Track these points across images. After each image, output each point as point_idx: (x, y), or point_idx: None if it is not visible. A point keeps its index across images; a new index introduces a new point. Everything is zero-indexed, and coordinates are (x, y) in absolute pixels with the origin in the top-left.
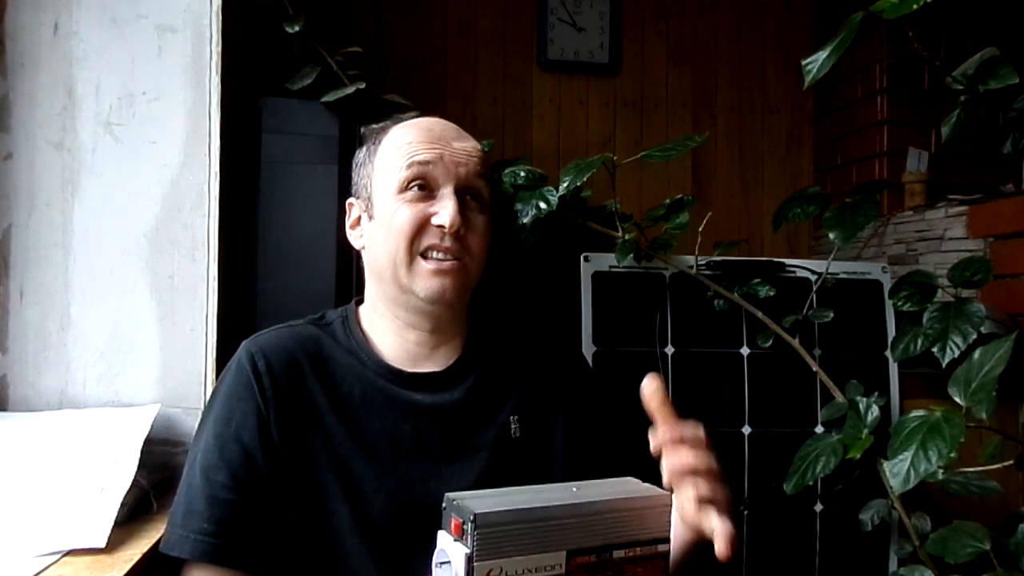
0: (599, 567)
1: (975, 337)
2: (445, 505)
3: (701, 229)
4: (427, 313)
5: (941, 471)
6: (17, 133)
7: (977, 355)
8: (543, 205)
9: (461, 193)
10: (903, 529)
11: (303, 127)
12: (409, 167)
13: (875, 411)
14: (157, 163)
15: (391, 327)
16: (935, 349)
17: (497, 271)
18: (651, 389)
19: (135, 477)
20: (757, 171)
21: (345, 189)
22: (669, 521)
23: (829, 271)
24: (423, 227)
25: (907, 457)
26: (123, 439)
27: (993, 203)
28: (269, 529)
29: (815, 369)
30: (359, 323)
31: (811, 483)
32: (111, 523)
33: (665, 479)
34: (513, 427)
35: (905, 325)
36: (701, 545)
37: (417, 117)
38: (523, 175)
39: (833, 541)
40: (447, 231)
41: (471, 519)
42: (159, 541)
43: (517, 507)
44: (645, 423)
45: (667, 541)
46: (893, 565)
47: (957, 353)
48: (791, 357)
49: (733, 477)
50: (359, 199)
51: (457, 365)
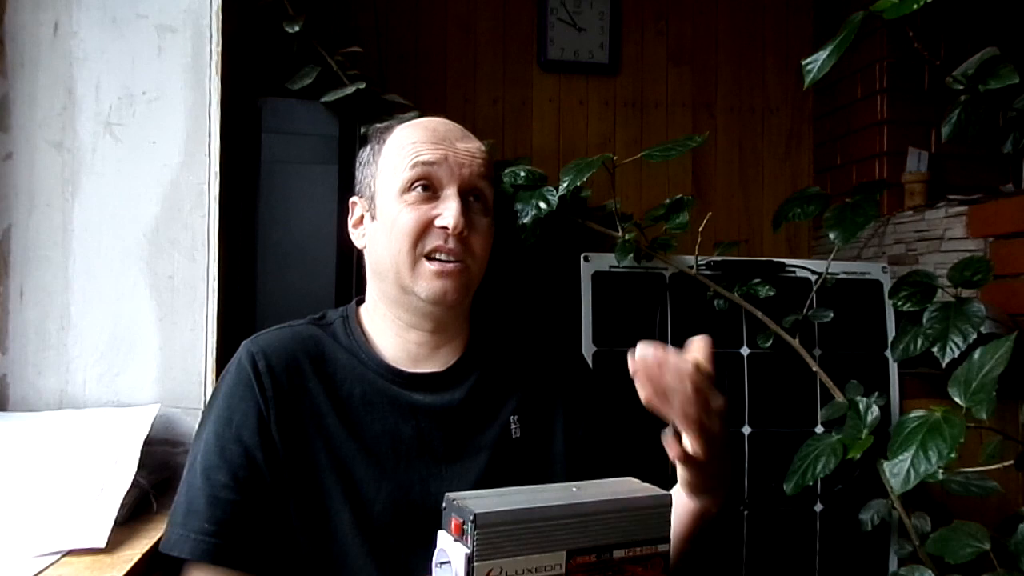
0: (599, 567)
1: (975, 337)
2: (445, 505)
3: (701, 229)
4: (428, 314)
5: (941, 471)
6: (17, 133)
7: (977, 355)
8: (543, 205)
9: (464, 194)
10: (903, 529)
11: (303, 127)
12: (413, 167)
13: (875, 411)
14: (157, 163)
15: (392, 327)
16: (935, 349)
17: (497, 271)
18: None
19: (135, 477)
20: (757, 171)
21: (345, 189)
22: (669, 521)
23: (829, 271)
24: (426, 229)
25: (907, 457)
26: (123, 439)
27: (993, 203)
28: (269, 529)
29: (815, 369)
30: (360, 323)
31: (811, 483)
32: (111, 523)
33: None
34: (513, 427)
35: (905, 325)
36: (703, 524)
37: (421, 117)
38: (523, 175)
39: (833, 541)
40: (450, 233)
41: (471, 519)
42: (159, 541)
43: (517, 507)
44: (645, 423)
45: (667, 541)
46: (893, 565)
47: (957, 353)
48: (791, 357)
49: (733, 477)
50: (362, 198)
51: (458, 365)
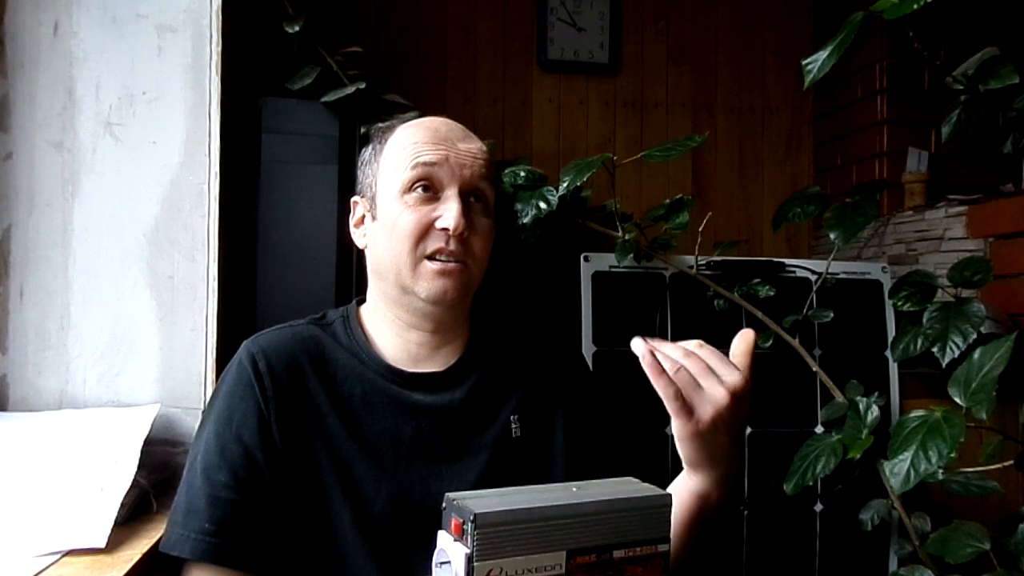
0: (599, 567)
1: (975, 337)
2: (445, 505)
3: (701, 229)
4: (428, 314)
5: (941, 471)
6: (17, 133)
7: (977, 355)
8: (543, 205)
9: (465, 195)
10: (903, 529)
11: (303, 127)
12: (414, 167)
13: (875, 411)
14: (157, 163)
15: (392, 327)
16: (935, 349)
17: (497, 271)
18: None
19: (135, 477)
20: (757, 171)
21: (345, 189)
22: (669, 521)
23: (829, 271)
24: (427, 230)
25: (907, 457)
26: (123, 439)
27: (993, 203)
28: (270, 529)
29: (815, 369)
30: (360, 323)
31: (811, 483)
32: (111, 523)
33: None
34: (514, 427)
35: (905, 325)
36: (703, 510)
37: (422, 116)
38: (523, 175)
39: (833, 541)
40: (451, 234)
41: (471, 519)
42: (159, 541)
43: (517, 507)
44: (644, 423)
45: (667, 541)
46: (893, 565)
47: (957, 353)
48: (791, 357)
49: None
50: (363, 198)
51: (458, 365)
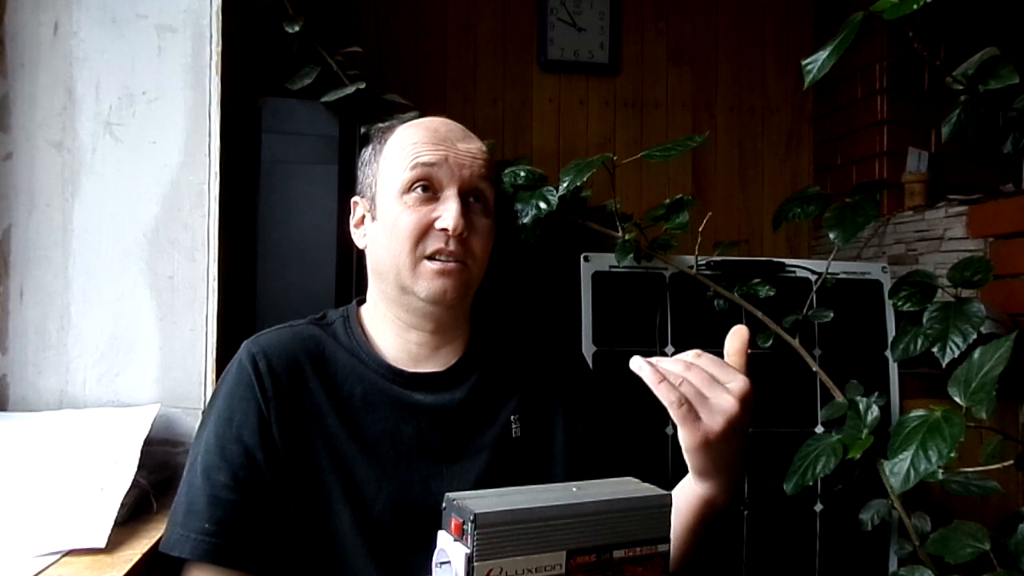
0: (599, 567)
1: (975, 337)
2: (445, 505)
3: (701, 229)
4: (428, 314)
5: (941, 471)
6: (17, 133)
7: (977, 355)
8: (543, 205)
9: (465, 195)
10: (903, 529)
11: (303, 127)
12: (413, 168)
13: (875, 411)
14: (157, 163)
15: (392, 327)
16: (935, 349)
17: (497, 271)
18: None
19: (135, 477)
20: (757, 171)
21: (345, 189)
22: (669, 521)
23: (829, 271)
24: (427, 231)
25: (907, 457)
26: (123, 439)
27: (993, 203)
28: (270, 529)
29: (815, 369)
30: (360, 323)
31: (811, 483)
32: (111, 523)
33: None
34: (514, 427)
35: (905, 325)
36: (708, 514)
37: (422, 117)
38: (523, 175)
39: (833, 541)
40: (450, 234)
41: (471, 519)
42: (159, 541)
43: (517, 507)
44: (645, 423)
45: (667, 541)
46: (893, 565)
47: (957, 353)
48: (791, 357)
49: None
50: (363, 198)
51: (459, 365)
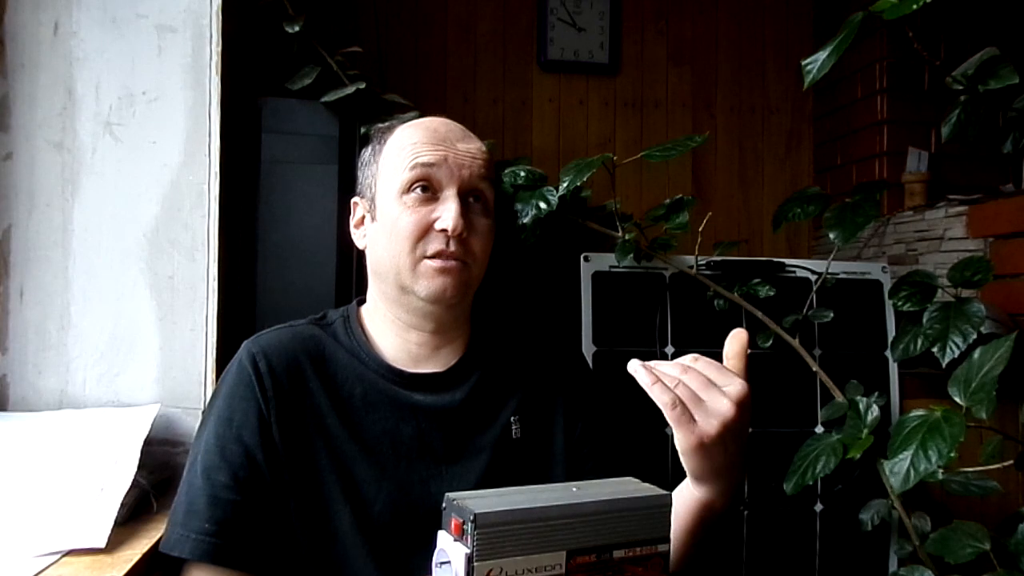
0: (599, 567)
1: (975, 337)
2: (445, 505)
3: (701, 229)
4: (428, 314)
5: (941, 471)
6: (17, 133)
7: (977, 355)
8: (543, 205)
9: (464, 195)
10: (903, 529)
11: (303, 127)
12: (413, 168)
13: (875, 411)
14: (157, 163)
15: (393, 327)
16: (935, 349)
17: (497, 271)
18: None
19: (135, 477)
20: (757, 171)
21: (345, 189)
22: (669, 521)
23: (829, 271)
24: (426, 231)
25: (907, 457)
26: (123, 439)
27: (993, 203)
28: (270, 529)
29: (815, 369)
30: (361, 323)
31: (811, 483)
32: (111, 523)
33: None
34: (514, 428)
35: (905, 325)
36: (707, 518)
37: (422, 117)
38: (523, 175)
39: (833, 541)
40: (450, 235)
41: (471, 519)
42: (159, 541)
43: (517, 507)
44: (645, 423)
45: (667, 541)
46: (893, 565)
47: (957, 353)
48: (791, 357)
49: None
50: (363, 198)
51: (459, 366)
